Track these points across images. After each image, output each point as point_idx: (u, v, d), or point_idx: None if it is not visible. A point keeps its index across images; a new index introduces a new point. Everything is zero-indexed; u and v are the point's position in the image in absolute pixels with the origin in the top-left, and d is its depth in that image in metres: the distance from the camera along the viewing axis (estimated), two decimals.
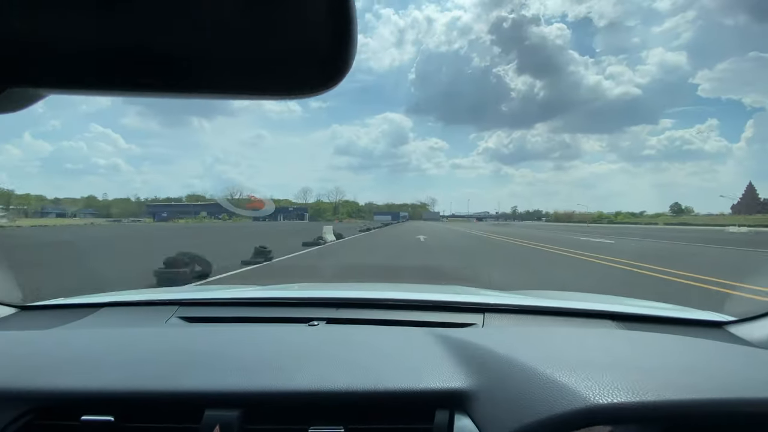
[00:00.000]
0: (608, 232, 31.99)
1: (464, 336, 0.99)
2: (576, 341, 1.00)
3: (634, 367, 0.82)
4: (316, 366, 0.84)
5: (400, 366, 0.85)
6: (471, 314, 1.31)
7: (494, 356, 0.85)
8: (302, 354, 0.91)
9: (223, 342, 1.01)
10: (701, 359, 0.89)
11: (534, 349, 0.90)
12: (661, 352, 0.92)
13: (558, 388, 0.73)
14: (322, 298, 1.46)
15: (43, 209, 77.90)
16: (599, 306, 1.35)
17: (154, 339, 1.04)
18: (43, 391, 0.78)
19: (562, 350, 0.92)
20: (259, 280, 7.02)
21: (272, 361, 0.87)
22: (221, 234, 24.33)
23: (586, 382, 0.73)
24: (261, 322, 1.33)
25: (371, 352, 0.92)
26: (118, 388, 0.78)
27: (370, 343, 0.98)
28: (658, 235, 26.02)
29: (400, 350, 0.94)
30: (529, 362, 0.81)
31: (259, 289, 1.79)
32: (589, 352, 0.90)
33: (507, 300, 1.43)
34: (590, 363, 0.82)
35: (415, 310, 1.36)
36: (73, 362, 0.88)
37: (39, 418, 0.78)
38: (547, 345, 0.95)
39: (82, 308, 1.41)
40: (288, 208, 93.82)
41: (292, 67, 0.33)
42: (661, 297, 2.12)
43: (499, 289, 1.85)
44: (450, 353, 0.89)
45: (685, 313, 1.34)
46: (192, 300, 1.46)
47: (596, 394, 0.70)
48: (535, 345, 0.94)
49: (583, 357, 0.86)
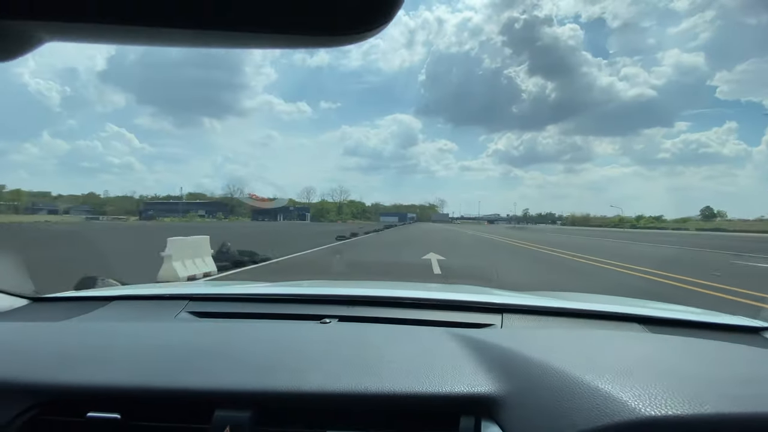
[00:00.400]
0: (640, 238, 28.56)
1: (484, 337, 0.94)
2: (608, 345, 0.93)
3: (679, 375, 0.74)
4: (331, 365, 0.80)
5: (420, 367, 0.79)
6: (489, 314, 1.25)
7: (520, 359, 0.80)
8: (316, 352, 0.87)
9: (233, 338, 0.98)
10: (749, 368, 0.82)
11: (564, 352, 0.83)
12: (703, 359, 0.85)
13: (600, 397, 0.66)
14: (335, 295, 1.41)
15: (33, 205, 75.63)
16: (626, 309, 1.29)
17: (163, 334, 1.02)
18: (49, 385, 0.77)
19: (595, 354, 0.84)
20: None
21: (285, 359, 0.84)
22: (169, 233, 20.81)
23: (632, 390, 0.67)
24: (272, 319, 1.27)
25: (387, 352, 0.87)
26: (126, 384, 0.76)
27: (385, 343, 0.93)
28: (705, 242, 22.58)
29: (417, 350, 0.88)
30: (562, 366, 0.75)
31: (270, 285, 1.76)
32: (625, 357, 0.84)
33: (525, 301, 1.37)
34: (629, 369, 0.74)
35: (429, 309, 1.29)
36: (80, 356, 0.86)
37: (44, 413, 0.76)
38: (577, 348, 0.88)
39: (93, 301, 1.40)
40: (289, 208, 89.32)
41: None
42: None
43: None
44: (471, 354, 0.84)
45: (717, 318, 1.28)
46: (202, 295, 1.44)
47: (647, 404, 0.64)
48: (564, 348, 0.88)
49: (620, 362, 0.79)
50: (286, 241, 17.10)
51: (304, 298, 1.40)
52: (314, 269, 9.13)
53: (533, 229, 55.79)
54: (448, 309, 1.29)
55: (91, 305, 1.34)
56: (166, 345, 0.92)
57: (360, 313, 1.26)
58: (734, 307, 5.29)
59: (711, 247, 18.74)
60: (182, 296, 1.39)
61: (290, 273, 8.29)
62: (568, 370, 0.73)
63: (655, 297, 1.97)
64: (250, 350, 0.90)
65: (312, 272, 8.37)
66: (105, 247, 13.28)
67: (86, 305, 1.35)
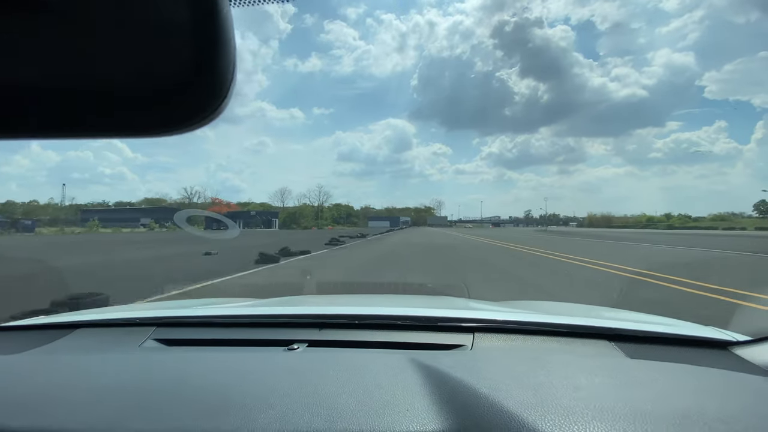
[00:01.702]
0: (711, 243, 20.83)
1: (451, 363, 0.95)
2: (578, 374, 0.90)
3: (656, 416, 0.72)
4: (287, 402, 0.78)
5: (377, 403, 0.78)
6: (460, 334, 1.24)
7: (482, 391, 0.79)
8: (276, 386, 0.85)
9: (194, 372, 0.97)
10: (721, 401, 0.81)
11: (529, 384, 0.83)
12: (677, 391, 0.84)
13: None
14: (306, 315, 1.41)
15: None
16: (597, 322, 1.27)
17: (122, 368, 1.01)
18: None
19: (565, 387, 0.82)
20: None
21: (243, 395, 0.81)
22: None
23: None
24: (241, 345, 1.25)
25: (348, 385, 0.85)
26: (70, 430, 0.72)
27: (348, 373, 0.92)
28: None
29: (379, 382, 0.86)
30: (521, 403, 0.74)
31: (242, 305, 1.77)
32: (596, 391, 0.82)
33: (497, 315, 1.38)
34: (602, 408, 0.73)
35: (401, 330, 1.28)
36: (29, 397, 0.83)
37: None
38: (545, 380, 0.86)
39: (57, 329, 1.36)
40: (250, 213, 74.01)
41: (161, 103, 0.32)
42: None
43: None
44: (434, 385, 0.83)
45: (687, 330, 1.27)
46: (170, 320, 1.41)
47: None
48: (530, 378, 0.87)
49: (589, 399, 0.77)
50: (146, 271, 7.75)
51: (276, 321, 1.37)
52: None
53: (552, 232, 46.31)
54: (419, 329, 1.27)
55: (51, 335, 1.29)
56: (122, 382, 0.90)
57: (330, 337, 1.25)
58: None
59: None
60: (149, 321, 1.36)
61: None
62: (530, 405, 0.73)
63: None
64: (208, 385, 0.88)
65: None
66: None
67: (51, 334, 1.29)
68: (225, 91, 0.32)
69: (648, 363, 1.01)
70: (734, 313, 4.91)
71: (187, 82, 0.32)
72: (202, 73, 0.31)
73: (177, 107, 0.33)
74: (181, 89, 0.32)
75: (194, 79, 0.31)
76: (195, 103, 0.32)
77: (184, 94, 0.32)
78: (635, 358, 1.06)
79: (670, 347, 1.16)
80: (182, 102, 0.32)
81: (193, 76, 0.31)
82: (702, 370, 0.95)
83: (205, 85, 0.32)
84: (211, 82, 0.32)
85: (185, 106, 0.33)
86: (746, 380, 0.92)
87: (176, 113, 0.33)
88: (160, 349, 1.23)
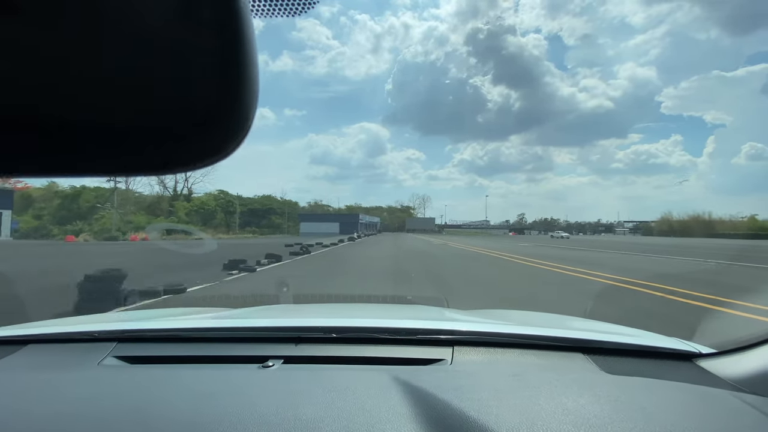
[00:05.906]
0: None
1: (434, 381, 0.95)
2: (563, 394, 0.90)
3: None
4: (262, 429, 0.75)
5: (360, 428, 0.75)
6: (439, 348, 1.23)
7: (458, 412, 0.79)
8: (249, 411, 0.80)
9: (156, 395, 0.91)
10: (698, 419, 0.83)
11: (515, 407, 0.83)
12: (658, 411, 0.84)
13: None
14: (281, 327, 1.34)
15: None
16: (572, 334, 1.29)
17: (78, 390, 0.94)
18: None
19: (553, 410, 0.82)
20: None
21: (209, 422, 0.77)
22: None
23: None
24: (210, 362, 1.17)
25: (331, 408, 0.82)
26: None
27: (324, 396, 0.87)
28: None
29: (362, 405, 0.84)
30: (514, 427, 0.75)
31: (212, 317, 1.69)
32: (583, 414, 0.82)
33: (476, 327, 1.42)
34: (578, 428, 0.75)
35: (379, 345, 1.25)
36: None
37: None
38: (530, 401, 0.86)
39: (3, 345, 1.23)
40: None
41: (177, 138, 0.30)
42: None
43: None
44: (412, 405, 0.82)
45: (653, 341, 1.27)
46: (133, 333, 1.32)
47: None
48: (516, 398, 0.87)
49: (579, 424, 0.77)
50: None
51: (249, 336, 1.29)
52: None
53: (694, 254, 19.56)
54: (399, 343, 1.25)
55: (5, 350, 1.19)
56: (79, 408, 0.84)
57: (307, 352, 1.20)
58: None
59: None
60: (110, 336, 1.27)
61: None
62: (510, 427, 0.74)
63: None
64: (175, 409, 0.83)
65: None
66: None
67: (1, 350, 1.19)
68: (245, 131, 0.30)
69: (624, 379, 1.02)
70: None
71: (206, 122, 0.29)
72: (223, 112, 0.29)
73: (192, 145, 0.30)
74: (200, 129, 0.29)
75: (215, 118, 0.29)
76: (212, 142, 0.30)
77: (203, 134, 0.30)
78: (611, 373, 1.07)
79: (640, 360, 1.18)
80: (200, 141, 0.30)
81: (214, 115, 0.29)
82: (678, 386, 0.96)
83: (224, 126, 0.29)
84: (232, 120, 0.29)
85: (201, 145, 0.30)
86: (704, 397, 0.94)
87: (192, 151, 0.30)
88: (122, 367, 1.14)
